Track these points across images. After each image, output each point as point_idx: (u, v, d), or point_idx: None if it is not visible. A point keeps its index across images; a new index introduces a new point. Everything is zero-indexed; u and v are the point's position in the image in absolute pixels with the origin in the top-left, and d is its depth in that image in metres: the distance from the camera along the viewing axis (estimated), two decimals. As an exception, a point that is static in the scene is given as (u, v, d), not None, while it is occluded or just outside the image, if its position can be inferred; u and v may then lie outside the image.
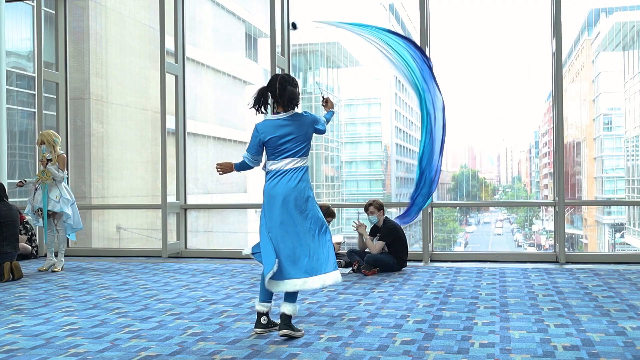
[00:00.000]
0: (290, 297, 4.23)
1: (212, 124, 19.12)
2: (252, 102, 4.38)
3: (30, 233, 8.90)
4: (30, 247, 8.83)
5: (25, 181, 7.70)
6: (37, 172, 7.71)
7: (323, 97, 4.93)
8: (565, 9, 7.73)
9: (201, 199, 17.45)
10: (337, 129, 35.88)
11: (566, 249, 7.72)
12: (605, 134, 31.11)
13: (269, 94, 4.38)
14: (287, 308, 4.19)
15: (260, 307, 4.31)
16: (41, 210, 7.56)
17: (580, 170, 32.23)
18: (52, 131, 7.79)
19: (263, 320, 4.30)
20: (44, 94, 9.32)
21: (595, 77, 32.19)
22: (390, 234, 7.14)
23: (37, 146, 7.94)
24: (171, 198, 8.99)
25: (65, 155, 7.72)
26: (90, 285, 6.52)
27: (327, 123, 4.72)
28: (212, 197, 17.89)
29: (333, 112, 4.88)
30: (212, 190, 18.36)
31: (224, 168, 4.58)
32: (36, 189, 7.62)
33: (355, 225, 7.29)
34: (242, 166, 4.57)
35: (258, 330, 4.29)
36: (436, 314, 4.83)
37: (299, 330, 4.21)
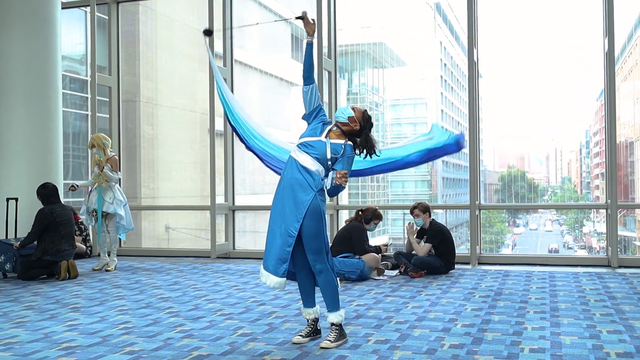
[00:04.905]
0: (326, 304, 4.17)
1: (258, 125, 19.18)
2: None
3: (85, 233, 9.16)
4: (84, 246, 9.09)
5: (77, 185, 7.86)
6: (92, 175, 7.90)
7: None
8: (617, 4, 7.55)
9: (247, 199, 17.61)
10: (382, 129, 35.74)
11: (619, 253, 7.55)
12: (660, 133, 30.15)
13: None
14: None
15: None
16: (95, 212, 7.78)
17: (634, 170, 31.32)
18: (102, 134, 7.99)
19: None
20: (97, 97, 9.57)
21: (649, 75, 31.24)
22: (437, 236, 7.11)
23: (88, 150, 8.15)
24: (220, 199, 9.11)
25: (116, 157, 7.92)
26: (143, 285, 6.68)
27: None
28: (258, 198, 18.04)
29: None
30: (258, 191, 18.50)
31: None
32: (91, 191, 7.84)
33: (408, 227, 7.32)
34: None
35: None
36: (485, 317, 4.79)
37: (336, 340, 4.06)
